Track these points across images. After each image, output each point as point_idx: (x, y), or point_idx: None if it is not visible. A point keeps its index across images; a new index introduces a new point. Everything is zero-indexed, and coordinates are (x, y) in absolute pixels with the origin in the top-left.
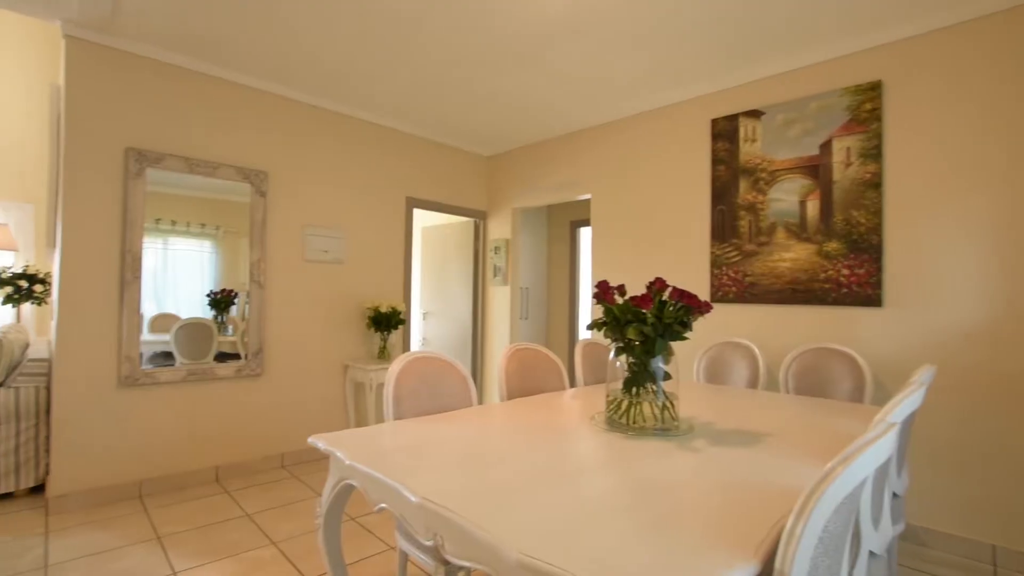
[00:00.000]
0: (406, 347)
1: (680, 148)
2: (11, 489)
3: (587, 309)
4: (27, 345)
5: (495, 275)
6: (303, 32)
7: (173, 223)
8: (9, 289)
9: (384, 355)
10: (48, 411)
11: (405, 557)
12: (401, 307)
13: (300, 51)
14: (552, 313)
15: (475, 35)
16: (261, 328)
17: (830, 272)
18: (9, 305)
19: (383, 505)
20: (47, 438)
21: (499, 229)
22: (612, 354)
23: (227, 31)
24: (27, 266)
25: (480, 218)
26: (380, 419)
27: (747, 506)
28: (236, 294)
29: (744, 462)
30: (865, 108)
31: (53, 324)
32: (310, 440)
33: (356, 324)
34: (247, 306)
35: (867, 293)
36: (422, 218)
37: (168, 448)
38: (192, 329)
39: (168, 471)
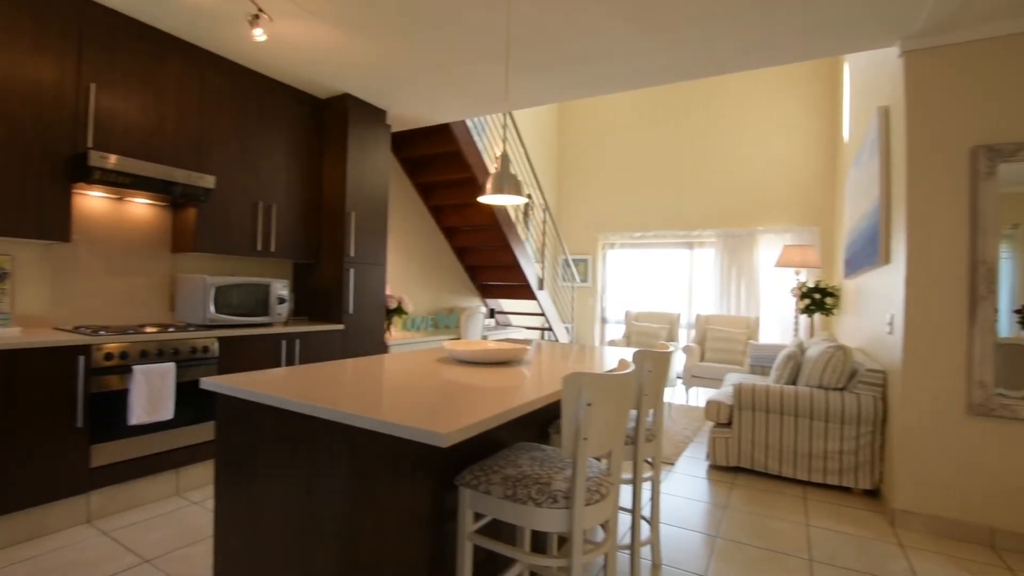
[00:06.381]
0: None
1: None
2: (850, 485)
3: None
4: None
5: None
6: None
7: None
8: (807, 301)
9: None
10: (884, 420)
11: None
12: None
13: None
14: None
15: None
16: None
17: None
18: (804, 314)
19: None
20: (881, 447)
21: None
22: None
23: None
24: (819, 281)
25: None
26: None
27: None
28: None
29: None
30: None
31: (899, 341)
32: None
33: None
34: None
35: None
36: None
37: None
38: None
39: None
